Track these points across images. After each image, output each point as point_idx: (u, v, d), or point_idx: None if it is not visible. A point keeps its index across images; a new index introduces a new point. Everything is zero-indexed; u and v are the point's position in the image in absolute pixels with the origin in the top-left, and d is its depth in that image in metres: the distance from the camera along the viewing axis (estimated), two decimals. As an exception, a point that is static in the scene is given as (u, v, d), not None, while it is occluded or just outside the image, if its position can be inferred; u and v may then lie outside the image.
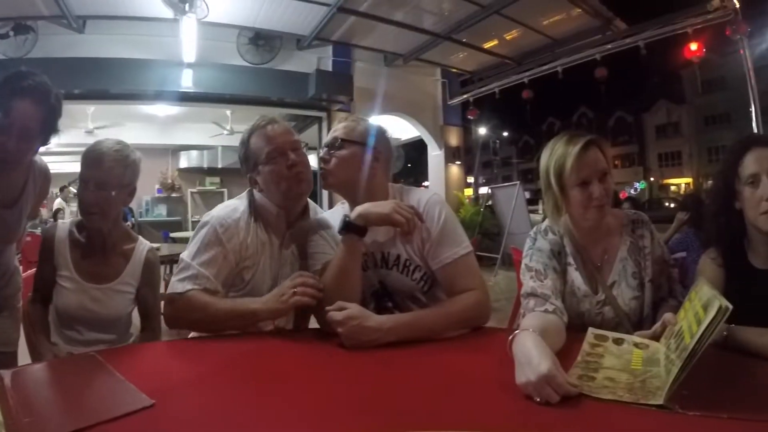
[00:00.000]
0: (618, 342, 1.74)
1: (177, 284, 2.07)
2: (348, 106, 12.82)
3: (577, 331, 1.84)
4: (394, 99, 13.85)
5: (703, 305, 1.43)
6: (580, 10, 10.83)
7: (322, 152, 2.26)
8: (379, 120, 2.30)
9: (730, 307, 1.25)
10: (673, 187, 56.24)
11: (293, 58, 12.59)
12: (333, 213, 2.43)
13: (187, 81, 11.16)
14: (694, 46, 9.15)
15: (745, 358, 1.60)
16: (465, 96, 14.93)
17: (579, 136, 2.01)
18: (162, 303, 2.21)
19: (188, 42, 10.42)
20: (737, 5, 8.34)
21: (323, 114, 13.27)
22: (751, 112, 8.46)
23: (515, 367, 1.39)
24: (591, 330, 1.83)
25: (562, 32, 12.07)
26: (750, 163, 1.84)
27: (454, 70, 15.14)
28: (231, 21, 11.02)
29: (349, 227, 1.97)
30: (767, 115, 8.54)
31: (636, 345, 1.72)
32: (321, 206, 2.74)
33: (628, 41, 10.41)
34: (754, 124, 8.41)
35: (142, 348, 2.11)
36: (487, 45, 13.00)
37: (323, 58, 12.79)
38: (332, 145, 2.26)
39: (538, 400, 1.28)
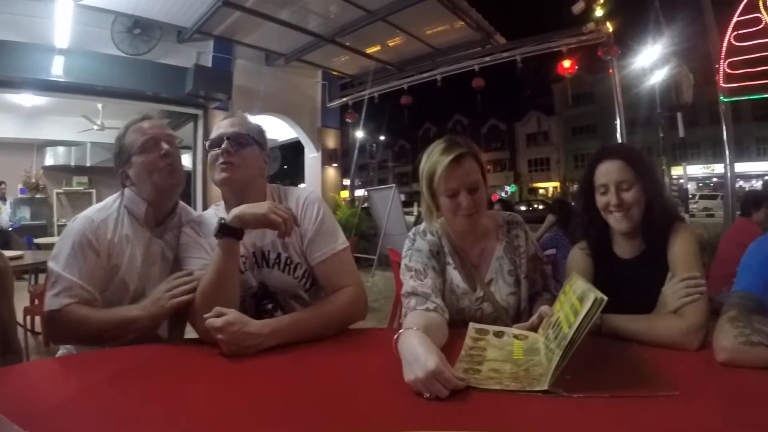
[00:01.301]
0: (498, 335, 1.84)
1: (52, 300, 1.91)
2: (226, 105, 12.45)
3: (459, 327, 1.92)
4: (273, 99, 13.68)
5: (578, 297, 1.53)
6: (462, 23, 11.27)
7: (225, 144, 2.10)
8: (257, 120, 2.23)
9: (605, 298, 1.36)
10: (541, 191, 60.59)
11: (172, 51, 11.94)
12: (205, 216, 2.31)
13: (57, 69, 10.03)
14: (567, 63, 9.87)
15: (618, 342, 1.76)
16: (344, 99, 15.06)
17: (455, 146, 2.05)
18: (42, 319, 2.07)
19: (62, 25, 9.48)
20: (610, 29, 9.07)
21: (200, 112, 12.81)
22: (616, 124, 9.38)
23: (402, 365, 1.40)
24: (472, 325, 1.93)
25: (444, 42, 12.51)
26: (600, 175, 2.12)
27: (335, 73, 15.25)
28: (109, 6, 10.23)
29: (225, 230, 1.91)
30: (630, 127, 9.37)
31: (516, 337, 1.82)
32: (195, 208, 2.69)
33: (506, 55, 10.98)
34: (618, 135, 9.42)
35: (6, 372, 1.72)
36: (370, 50, 13.18)
37: (203, 53, 12.34)
38: (236, 140, 2.13)
39: (428, 396, 1.30)
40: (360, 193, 19.79)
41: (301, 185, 19.22)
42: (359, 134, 17.73)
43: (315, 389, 1.44)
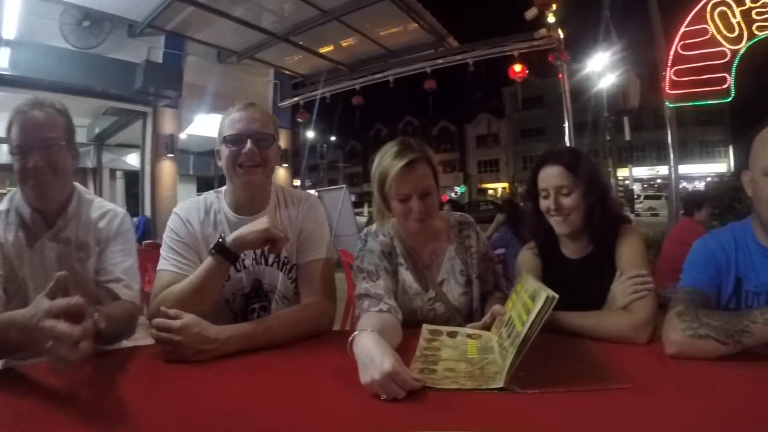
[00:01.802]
0: (452, 335, 1.85)
1: None
2: (175, 102, 12.25)
3: (412, 328, 1.91)
4: (224, 97, 13.07)
5: (530, 296, 1.56)
6: (416, 25, 11.35)
7: (249, 145, 1.97)
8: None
9: (556, 296, 1.38)
10: (490, 191, 61.16)
11: (122, 46, 11.53)
12: (196, 202, 2.17)
13: (3, 61, 9.62)
14: (518, 67, 10.07)
15: (570, 338, 1.81)
16: (296, 99, 14.91)
17: (407, 150, 2.03)
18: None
19: (10, 14, 9.06)
20: (561, 36, 9.30)
21: (149, 109, 12.48)
22: (564, 127, 9.57)
23: (358, 367, 1.39)
24: (425, 326, 1.93)
25: (397, 44, 12.55)
26: (542, 179, 2.17)
27: (287, 72, 15.07)
28: (60, -5, 9.62)
29: (221, 251, 1.82)
30: (578, 130, 9.60)
31: (469, 336, 1.84)
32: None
33: (458, 58, 11.09)
34: (566, 138, 9.66)
35: None
36: (323, 50, 13.13)
37: (154, 49, 12.02)
38: (259, 139, 2.01)
39: (385, 397, 1.29)
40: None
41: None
42: (310, 134, 17.61)
43: (268, 395, 1.41)
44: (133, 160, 16.06)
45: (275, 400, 1.37)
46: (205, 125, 12.89)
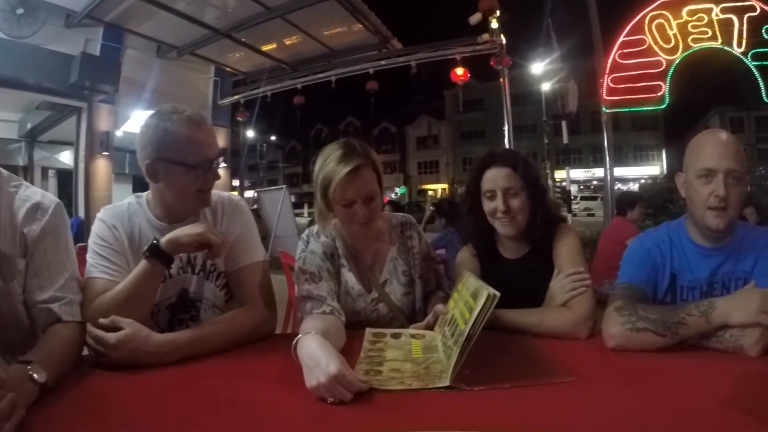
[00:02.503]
0: (396, 336, 1.86)
1: None
2: (112, 98, 11.80)
3: (356, 329, 1.90)
4: (162, 94, 12.55)
5: (471, 295, 1.57)
6: (361, 26, 11.35)
7: (214, 166, 1.93)
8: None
9: (498, 294, 1.39)
10: (430, 192, 61.35)
11: (58, 37, 10.92)
12: (128, 209, 2.01)
13: None
14: (460, 71, 10.23)
15: (513, 335, 1.84)
16: (236, 97, 14.56)
17: (352, 155, 1.96)
18: None
19: None
20: (504, 41, 9.48)
21: (84, 104, 11.89)
22: (504, 130, 9.74)
23: (303, 371, 1.36)
24: (368, 330, 1.93)
25: (341, 44, 12.52)
26: (487, 180, 2.15)
27: (228, 70, 14.73)
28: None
29: (156, 253, 1.74)
30: (517, 133, 9.81)
31: (413, 336, 1.85)
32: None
33: (402, 60, 11.13)
34: (506, 141, 9.88)
35: None
36: (266, 47, 12.93)
37: (91, 41, 11.45)
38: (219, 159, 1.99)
39: (332, 400, 1.27)
40: (250, 194, 19.42)
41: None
42: (250, 134, 17.30)
43: (210, 402, 1.35)
44: (66, 158, 15.32)
45: (217, 407, 1.31)
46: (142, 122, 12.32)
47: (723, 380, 1.39)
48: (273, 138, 51.76)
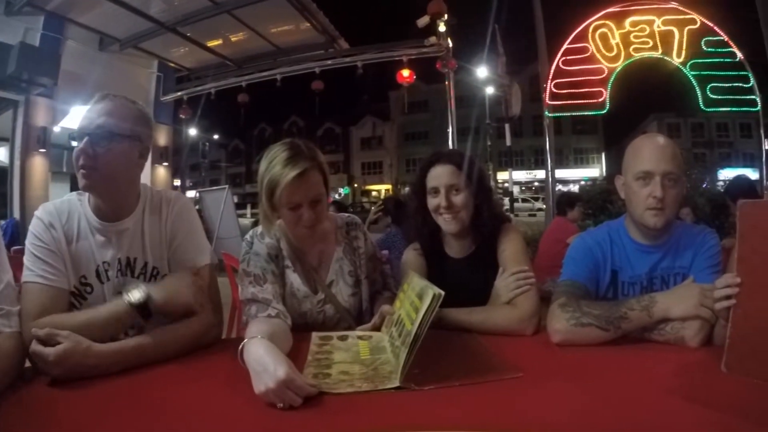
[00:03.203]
0: (343, 338, 1.84)
1: None
2: (50, 91, 11.25)
3: (302, 332, 1.88)
4: (102, 88, 10.91)
5: (417, 294, 1.58)
6: (309, 25, 11.26)
7: (84, 143, 1.74)
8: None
9: (443, 293, 1.40)
10: (374, 193, 61.57)
11: None
12: (58, 204, 1.90)
13: None
14: (406, 73, 10.30)
15: (460, 334, 1.86)
16: (180, 93, 14.03)
17: (299, 158, 1.91)
18: None
19: None
20: (450, 45, 9.62)
21: (21, 98, 11.26)
22: (448, 132, 9.88)
23: (251, 376, 1.33)
24: (315, 333, 1.90)
25: (288, 42, 12.37)
26: (432, 178, 2.19)
27: (172, 65, 14.25)
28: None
29: (141, 311, 1.67)
30: (461, 135, 9.98)
31: (360, 338, 1.84)
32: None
33: (348, 60, 11.12)
34: (450, 142, 10.06)
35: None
36: (211, 43, 12.64)
37: (31, 30, 10.81)
38: (98, 137, 1.77)
39: (281, 405, 1.25)
40: (191, 194, 19.04)
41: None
42: (192, 132, 16.85)
43: (160, 410, 1.31)
44: (0, 154, 14.89)
45: (165, 416, 1.27)
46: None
47: (665, 370, 1.48)
48: (216, 137, 50.96)
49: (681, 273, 1.94)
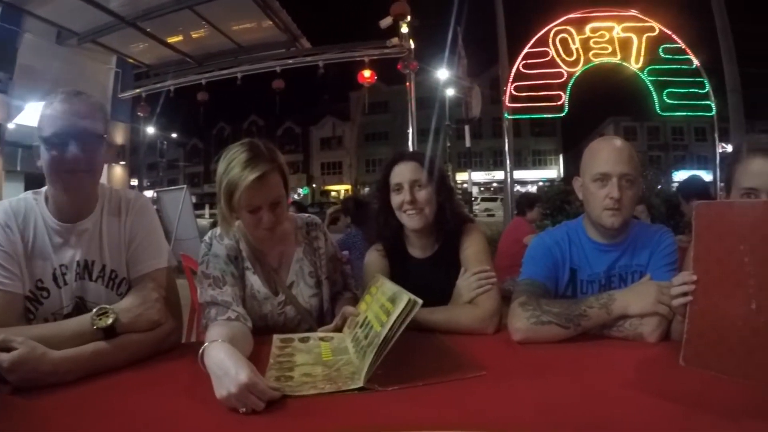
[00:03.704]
0: (304, 340, 1.82)
1: None
2: (5, 86, 10.80)
3: (263, 335, 1.85)
4: (60, 83, 10.62)
5: (389, 299, 1.59)
6: (271, 23, 11.07)
7: (73, 147, 1.68)
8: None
9: (420, 301, 1.42)
10: (333, 193, 61.34)
11: None
12: (14, 203, 1.82)
13: None
14: (367, 73, 10.26)
15: (423, 333, 1.87)
16: (138, 90, 13.50)
17: (258, 160, 1.86)
18: None
19: None
20: (412, 46, 9.64)
21: None
22: (408, 132, 9.92)
23: (212, 381, 1.31)
24: (276, 336, 1.87)
25: (249, 40, 12.12)
26: (396, 175, 2.20)
27: (130, 61, 13.68)
28: None
29: (108, 332, 1.62)
30: (421, 136, 10.07)
31: (322, 339, 1.82)
32: None
33: (309, 59, 11.03)
34: (409, 143, 10.03)
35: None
36: (172, 39, 12.34)
37: None
38: (86, 140, 1.72)
39: (244, 410, 1.23)
40: (149, 194, 18.70)
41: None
42: (150, 130, 16.47)
43: (119, 417, 1.27)
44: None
45: (124, 424, 1.24)
46: (37, 114, 11.36)
47: (625, 365, 1.54)
48: (174, 135, 49.98)
49: (638, 271, 2.00)
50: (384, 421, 1.21)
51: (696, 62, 10.49)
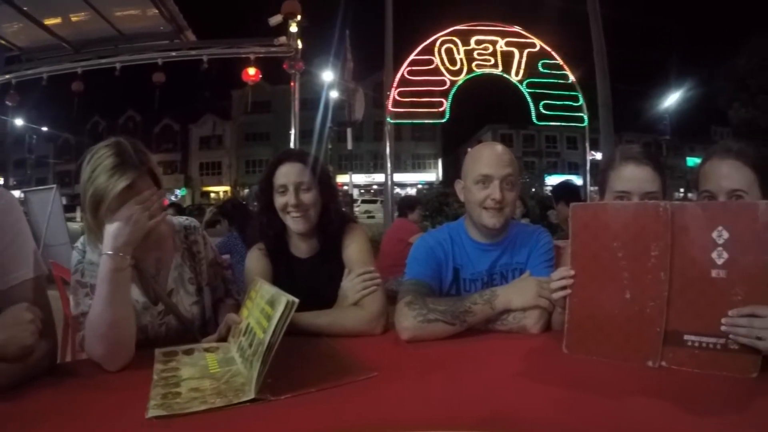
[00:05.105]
0: (188, 352, 1.73)
1: None
2: None
3: (143, 348, 1.71)
4: None
5: (268, 302, 1.54)
6: (156, 11, 10.51)
7: None
8: None
9: (297, 301, 1.37)
10: (213, 195, 59.73)
11: None
12: None
13: None
14: (252, 71, 10.05)
15: (310, 338, 1.84)
16: (8, 76, 12.30)
17: (125, 166, 1.67)
18: None
19: None
20: (300, 46, 9.59)
21: None
22: (291, 133, 9.84)
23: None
24: (158, 350, 1.74)
25: (132, 28, 11.34)
26: (280, 176, 2.15)
27: (2, 42, 13.11)
28: None
29: None
30: (304, 137, 10.08)
31: (207, 350, 1.75)
32: None
33: (194, 53, 10.66)
34: (291, 144, 9.91)
35: None
36: (49, 21, 11.56)
37: None
38: None
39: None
40: (16, 194, 17.40)
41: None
42: (19, 122, 15.17)
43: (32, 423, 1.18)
44: None
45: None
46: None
47: (512, 356, 1.65)
48: (44, 129, 46.68)
49: (518, 268, 2.14)
50: (282, 430, 1.19)
51: (572, 78, 11.62)
